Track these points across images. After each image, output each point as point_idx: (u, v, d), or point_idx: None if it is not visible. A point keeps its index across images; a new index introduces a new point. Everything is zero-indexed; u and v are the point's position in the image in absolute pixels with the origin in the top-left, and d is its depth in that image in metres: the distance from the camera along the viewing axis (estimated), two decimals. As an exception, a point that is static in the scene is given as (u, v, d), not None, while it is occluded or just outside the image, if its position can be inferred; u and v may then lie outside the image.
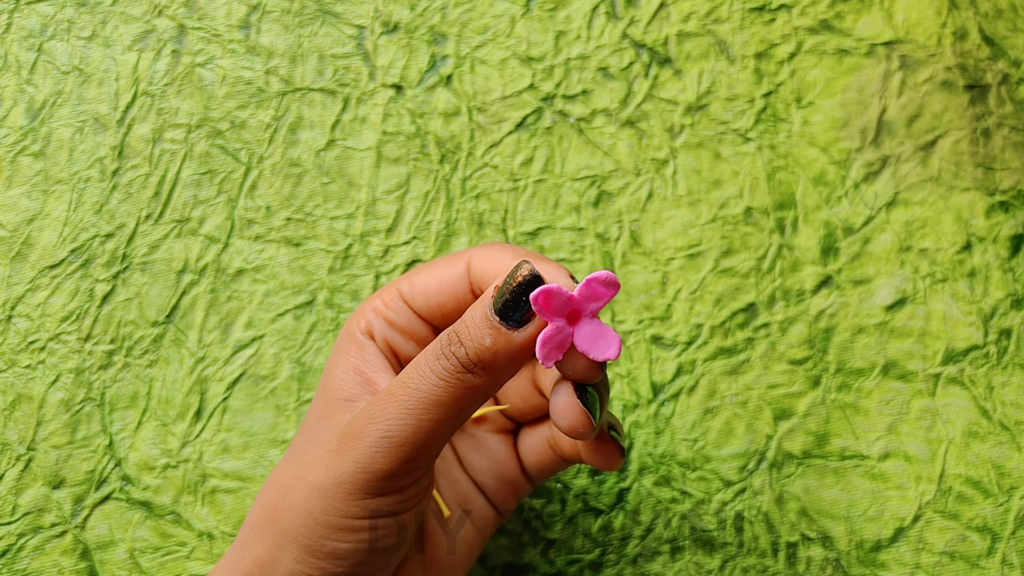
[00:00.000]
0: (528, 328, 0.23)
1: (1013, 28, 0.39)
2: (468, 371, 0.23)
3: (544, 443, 0.29)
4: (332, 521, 0.25)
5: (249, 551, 0.26)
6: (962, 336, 0.36)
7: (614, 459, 0.26)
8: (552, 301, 0.22)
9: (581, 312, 0.23)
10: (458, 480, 0.30)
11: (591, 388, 0.24)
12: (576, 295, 0.23)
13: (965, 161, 0.38)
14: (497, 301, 0.23)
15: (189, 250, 0.36)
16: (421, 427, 0.24)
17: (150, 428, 0.34)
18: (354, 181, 0.37)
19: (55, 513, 0.34)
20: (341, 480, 0.24)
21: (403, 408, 0.24)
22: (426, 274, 0.28)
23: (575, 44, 0.39)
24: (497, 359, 0.23)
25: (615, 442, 0.26)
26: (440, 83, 0.38)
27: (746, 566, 0.34)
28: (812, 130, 0.38)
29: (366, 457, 0.24)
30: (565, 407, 0.24)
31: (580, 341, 0.23)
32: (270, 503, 0.26)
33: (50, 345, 0.35)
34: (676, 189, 0.37)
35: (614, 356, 0.23)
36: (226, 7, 0.38)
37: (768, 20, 0.39)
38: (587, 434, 0.24)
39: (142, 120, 0.37)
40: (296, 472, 0.26)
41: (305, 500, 0.25)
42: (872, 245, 0.37)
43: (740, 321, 0.36)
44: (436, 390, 0.24)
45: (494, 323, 0.23)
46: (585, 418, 0.24)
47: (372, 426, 0.24)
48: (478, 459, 0.30)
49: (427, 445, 0.24)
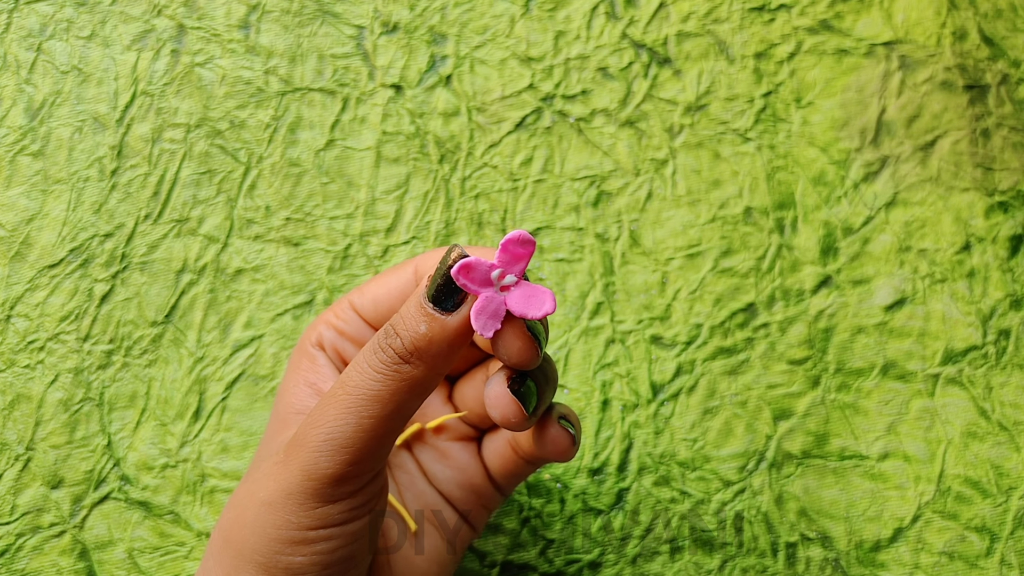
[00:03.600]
0: (461, 310, 0.23)
1: (1013, 28, 0.39)
2: (405, 361, 0.23)
3: (506, 445, 0.29)
4: (285, 535, 0.24)
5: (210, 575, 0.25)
6: (961, 336, 0.36)
7: (562, 448, 0.26)
8: (474, 273, 0.23)
9: (505, 276, 0.23)
10: (423, 493, 0.29)
11: (530, 380, 0.24)
12: (497, 262, 0.23)
13: (964, 161, 0.38)
14: (430, 289, 0.23)
15: (188, 250, 0.36)
16: (362, 425, 0.23)
17: (149, 428, 0.34)
18: (353, 181, 0.37)
19: (54, 513, 0.34)
20: (290, 491, 0.24)
21: (343, 408, 0.24)
22: (375, 283, 0.28)
23: (575, 44, 0.39)
24: (432, 346, 0.23)
25: (564, 431, 0.26)
26: (440, 83, 0.38)
27: (745, 566, 0.34)
28: (812, 130, 0.38)
29: (310, 463, 0.24)
30: (496, 396, 0.24)
31: (514, 305, 0.23)
32: (225, 525, 0.26)
33: (49, 345, 0.35)
34: (676, 189, 0.37)
35: (551, 310, 0.23)
36: (225, 7, 0.38)
37: (768, 20, 0.39)
38: (520, 424, 0.24)
39: (141, 120, 0.37)
40: (248, 490, 0.25)
41: (257, 517, 0.24)
42: (871, 245, 0.37)
43: (740, 321, 0.36)
44: (375, 385, 0.23)
45: (427, 310, 0.23)
46: (516, 407, 0.24)
47: (314, 431, 0.24)
48: (441, 469, 0.29)
49: (370, 444, 0.24)
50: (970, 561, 0.34)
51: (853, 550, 0.34)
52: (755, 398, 0.35)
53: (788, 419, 0.35)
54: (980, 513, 0.35)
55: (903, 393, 0.36)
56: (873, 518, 0.34)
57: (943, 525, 0.34)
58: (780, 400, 0.35)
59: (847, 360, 0.36)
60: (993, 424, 0.35)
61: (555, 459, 0.27)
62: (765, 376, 0.36)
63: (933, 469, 0.35)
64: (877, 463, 0.35)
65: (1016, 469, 0.35)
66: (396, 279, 0.28)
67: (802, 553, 0.34)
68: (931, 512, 0.35)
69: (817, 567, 0.34)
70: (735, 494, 0.35)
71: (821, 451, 0.35)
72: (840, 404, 0.35)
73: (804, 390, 0.36)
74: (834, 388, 0.36)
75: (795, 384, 0.36)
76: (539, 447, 0.27)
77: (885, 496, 0.35)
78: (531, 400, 0.24)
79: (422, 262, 0.28)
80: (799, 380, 0.36)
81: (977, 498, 0.35)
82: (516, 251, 0.23)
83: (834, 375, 0.36)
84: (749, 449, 0.35)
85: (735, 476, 0.35)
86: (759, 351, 0.36)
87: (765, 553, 0.34)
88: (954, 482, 0.35)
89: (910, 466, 0.35)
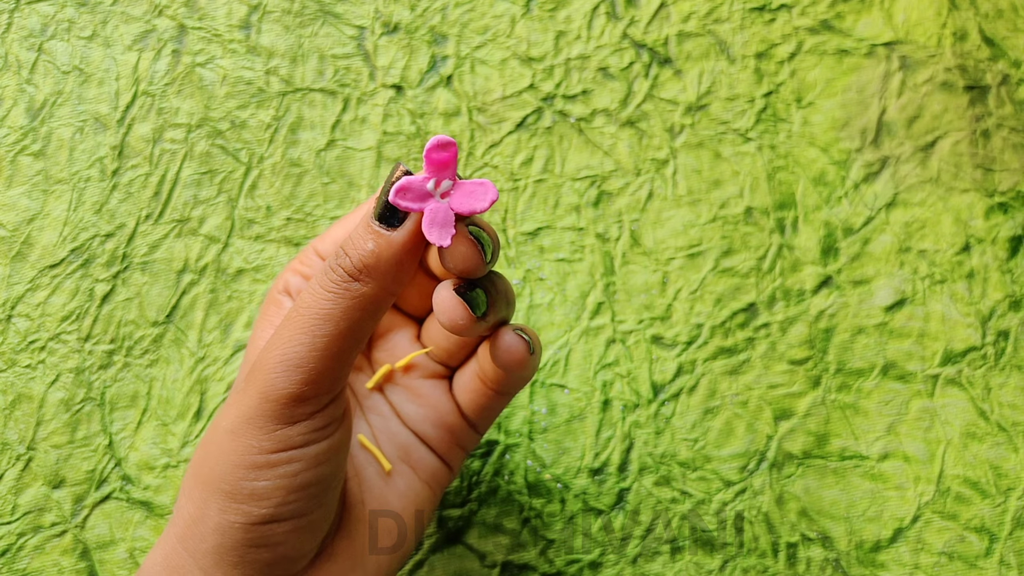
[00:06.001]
0: (405, 225, 0.23)
1: (1013, 28, 0.39)
2: (355, 279, 0.24)
3: (474, 378, 0.29)
4: (247, 460, 0.24)
5: (181, 513, 0.26)
6: (960, 337, 0.36)
7: (518, 357, 0.26)
8: (411, 192, 0.23)
9: (441, 183, 0.23)
10: (397, 434, 0.29)
11: (479, 288, 0.25)
12: (428, 173, 0.23)
13: (964, 162, 0.38)
14: (376, 208, 0.24)
15: (189, 250, 0.36)
16: (315, 345, 0.24)
17: (150, 428, 0.34)
18: (354, 181, 0.37)
19: (55, 513, 0.34)
20: (249, 415, 0.24)
21: (296, 328, 0.24)
22: (337, 226, 0.29)
23: (575, 44, 0.39)
24: (381, 262, 0.24)
25: (518, 337, 0.26)
26: (440, 83, 0.38)
27: (746, 566, 0.34)
28: (812, 130, 0.38)
29: (267, 385, 0.24)
30: (443, 299, 0.24)
31: (458, 205, 0.23)
32: (195, 462, 0.26)
33: (50, 345, 0.35)
34: (676, 189, 0.37)
35: (495, 196, 0.23)
36: (226, 7, 0.38)
37: (768, 20, 0.39)
38: (467, 327, 0.24)
39: (142, 120, 0.37)
40: (215, 424, 0.26)
41: (220, 446, 0.25)
42: (872, 246, 0.37)
43: (740, 321, 0.36)
44: (326, 304, 0.24)
45: (374, 227, 0.23)
46: (462, 308, 0.24)
47: (270, 353, 0.24)
48: (414, 409, 0.30)
49: (325, 363, 0.24)
50: (969, 561, 0.34)
51: (853, 550, 0.34)
52: (756, 398, 0.36)
53: (789, 419, 0.35)
54: (979, 513, 0.35)
55: (903, 393, 0.36)
56: (873, 518, 0.35)
57: (942, 525, 0.35)
58: (781, 400, 0.36)
59: (847, 360, 0.36)
60: (992, 425, 0.35)
61: (513, 371, 0.27)
62: (766, 376, 0.36)
63: (933, 469, 0.35)
64: (877, 463, 0.35)
65: (1015, 470, 0.35)
66: (354, 219, 0.28)
67: (803, 553, 0.34)
68: (931, 512, 0.35)
69: (817, 567, 0.34)
70: (736, 494, 0.35)
71: (822, 451, 0.35)
72: (840, 404, 0.36)
73: (805, 390, 0.36)
74: (834, 388, 0.36)
75: (796, 384, 0.36)
76: (496, 358, 0.27)
77: (885, 496, 0.35)
78: (479, 306, 0.24)
79: None
80: (800, 380, 0.36)
81: (976, 498, 0.35)
82: (441, 156, 0.23)
83: (834, 375, 0.36)
84: (750, 449, 0.35)
85: (736, 476, 0.35)
86: (760, 351, 0.36)
87: (766, 553, 0.34)
88: (953, 482, 0.35)
89: (910, 466, 0.35)
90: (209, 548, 0.25)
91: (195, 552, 0.25)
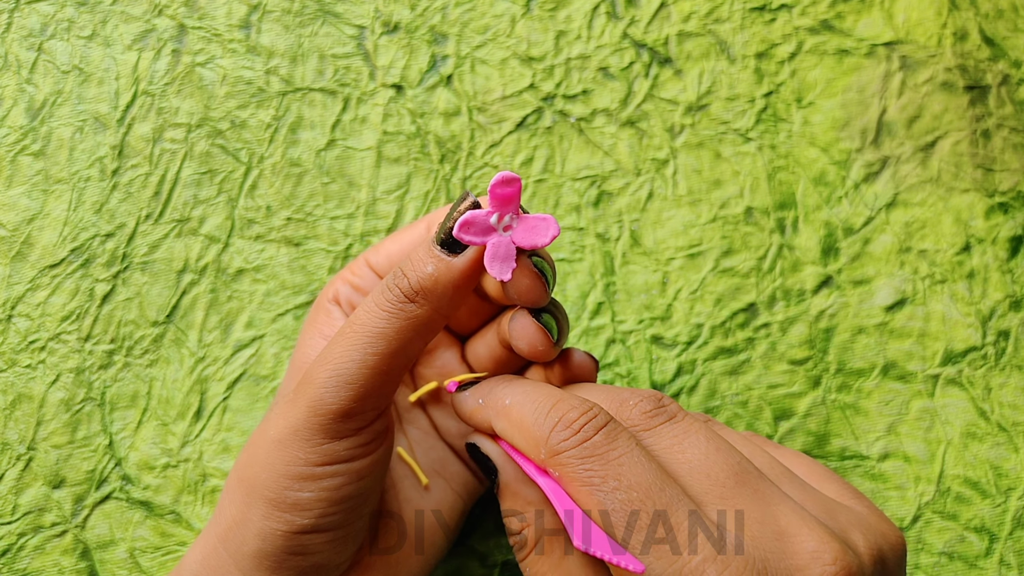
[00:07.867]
0: (466, 252, 0.24)
1: (1013, 28, 0.39)
2: (410, 300, 0.24)
3: None
4: (292, 471, 0.25)
5: (224, 514, 0.26)
6: (961, 337, 0.36)
7: (587, 372, 0.27)
8: (474, 227, 0.24)
9: (503, 218, 0.24)
10: (434, 447, 0.30)
11: (546, 314, 0.26)
12: (492, 208, 0.24)
13: (965, 162, 0.38)
14: (439, 233, 0.24)
15: (189, 250, 0.36)
16: (366, 363, 0.24)
17: (150, 428, 0.34)
18: (354, 181, 0.37)
19: (55, 513, 0.34)
20: (297, 427, 0.25)
21: (349, 345, 0.24)
22: (390, 241, 0.30)
23: (575, 44, 0.39)
24: (438, 286, 0.24)
25: (589, 357, 0.27)
26: (440, 83, 0.38)
27: (746, 566, 0.34)
28: (812, 130, 0.38)
29: (316, 399, 0.24)
30: (523, 327, 0.25)
31: (520, 239, 0.24)
32: (239, 465, 0.27)
33: (50, 345, 0.35)
34: (676, 189, 0.37)
35: (556, 231, 0.24)
36: (226, 7, 0.38)
37: (768, 20, 0.39)
38: (547, 351, 0.25)
39: (142, 119, 0.37)
40: (261, 430, 0.26)
41: (267, 454, 0.25)
42: (872, 246, 0.37)
43: (740, 321, 0.36)
44: (380, 323, 0.24)
45: (435, 252, 0.24)
46: (542, 334, 0.25)
47: (321, 368, 0.25)
48: (453, 424, 0.30)
49: (374, 381, 0.24)
50: (969, 561, 0.34)
51: (853, 550, 0.34)
52: (756, 398, 0.36)
53: (789, 419, 0.35)
54: (979, 513, 0.35)
55: (903, 393, 0.36)
56: (873, 518, 0.35)
57: (943, 525, 0.35)
58: (781, 400, 0.36)
59: (848, 360, 0.36)
60: (992, 425, 0.35)
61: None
62: (766, 376, 0.36)
63: (933, 469, 0.35)
64: (877, 463, 0.35)
65: (1015, 470, 0.35)
66: (409, 236, 0.29)
67: (802, 553, 0.34)
68: (931, 512, 0.35)
69: (817, 567, 0.34)
70: (735, 494, 0.35)
71: (822, 451, 0.35)
72: (841, 404, 0.36)
73: (805, 390, 0.36)
74: (835, 388, 0.36)
75: (796, 384, 0.36)
76: (571, 378, 0.28)
77: (885, 496, 0.35)
78: (553, 329, 0.25)
79: (434, 218, 0.29)
80: (800, 380, 0.36)
81: (976, 498, 0.35)
82: (505, 192, 0.23)
83: (835, 375, 0.36)
84: (749, 449, 0.35)
85: (735, 476, 0.35)
86: (760, 351, 0.36)
87: (765, 553, 0.34)
88: (954, 483, 0.35)
89: (910, 466, 0.35)
90: (250, 551, 0.25)
91: (236, 554, 0.26)
